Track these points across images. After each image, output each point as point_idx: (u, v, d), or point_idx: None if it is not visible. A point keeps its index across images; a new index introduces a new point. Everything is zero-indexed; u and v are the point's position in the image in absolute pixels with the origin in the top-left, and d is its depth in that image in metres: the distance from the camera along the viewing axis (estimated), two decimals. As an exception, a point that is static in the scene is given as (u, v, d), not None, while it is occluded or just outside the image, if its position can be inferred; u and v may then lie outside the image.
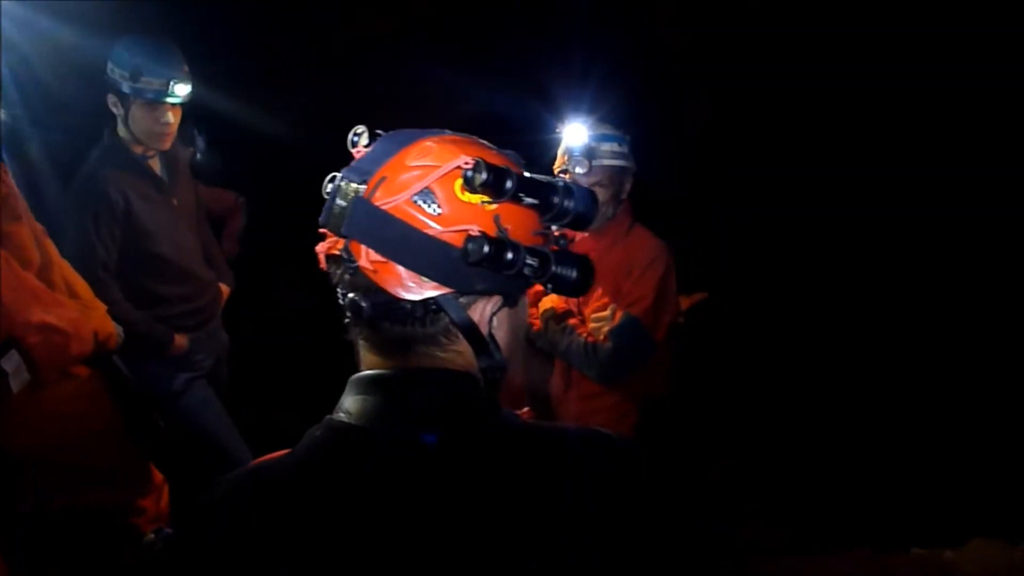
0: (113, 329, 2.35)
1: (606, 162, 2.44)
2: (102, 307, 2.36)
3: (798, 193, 3.81)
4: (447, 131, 0.94)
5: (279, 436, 0.94)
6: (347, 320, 0.93)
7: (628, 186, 2.52)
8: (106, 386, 2.36)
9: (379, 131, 0.95)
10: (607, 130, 2.49)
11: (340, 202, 0.88)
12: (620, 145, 2.47)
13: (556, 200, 0.92)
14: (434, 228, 0.86)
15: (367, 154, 0.92)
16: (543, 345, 2.57)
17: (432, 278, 0.87)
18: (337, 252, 0.90)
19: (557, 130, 2.52)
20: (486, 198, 0.88)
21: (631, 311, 2.41)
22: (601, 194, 2.45)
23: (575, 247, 2.57)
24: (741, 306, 3.85)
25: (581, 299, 2.57)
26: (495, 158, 0.91)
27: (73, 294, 2.27)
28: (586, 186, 2.52)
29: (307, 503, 0.85)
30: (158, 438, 2.60)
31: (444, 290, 0.88)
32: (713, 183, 3.88)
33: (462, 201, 0.88)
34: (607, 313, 2.46)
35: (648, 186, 2.60)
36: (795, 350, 3.78)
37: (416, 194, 0.87)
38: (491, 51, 3.86)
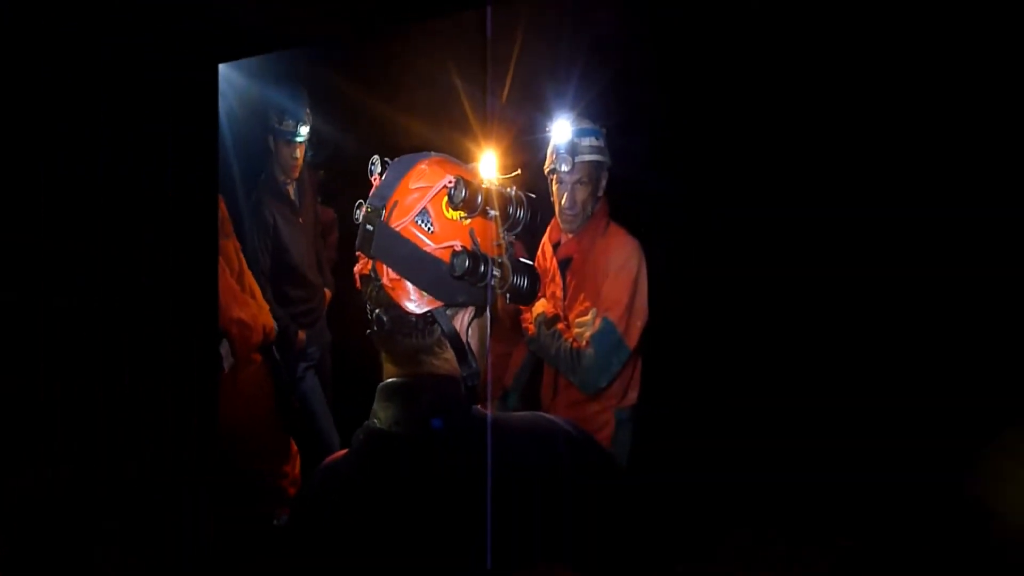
0: (273, 324, 2.88)
1: (587, 158, 2.40)
2: (266, 305, 2.89)
3: (781, 192, 3.20)
4: (432, 152, 1.00)
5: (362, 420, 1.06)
6: (371, 333, 1.00)
7: (604, 181, 2.47)
8: (268, 371, 2.88)
9: (387, 159, 1.01)
10: (586, 124, 2.44)
11: (368, 227, 0.95)
12: (597, 139, 2.42)
13: (511, 210, 0.98)
14: (430, 245, 0.93)
15: (382, 181, 0.98)
16: (536, 350, 2.52)
17: (429, 292, 0.94)
18: (367, 272, 0.97)
19: (547, 129, 2.49)
20: (463, 214, 0.94)
21: (608, 315, 2.35)
22: (582, 191, 2.42)
23: (562, 249, 2.55)
24: (718, 306, 3.39)
25: (566, 303, 2.52)
26: (466, 174, 0.97)
27: (252, 295, 2.80)
28: (570, 184, 2.40)
29: (358, 493, 0.98)
30: (293, 415, 3.12)
31: (437, 304, 0.95)
32: (692, 179, 3.34)
33: (447, 218, 0.94)
34: (588, 318, 2.41)
35: (626, 182, 2.52)
36: (776, 352, 3.33)
37: (418, 215, 0.94)
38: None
